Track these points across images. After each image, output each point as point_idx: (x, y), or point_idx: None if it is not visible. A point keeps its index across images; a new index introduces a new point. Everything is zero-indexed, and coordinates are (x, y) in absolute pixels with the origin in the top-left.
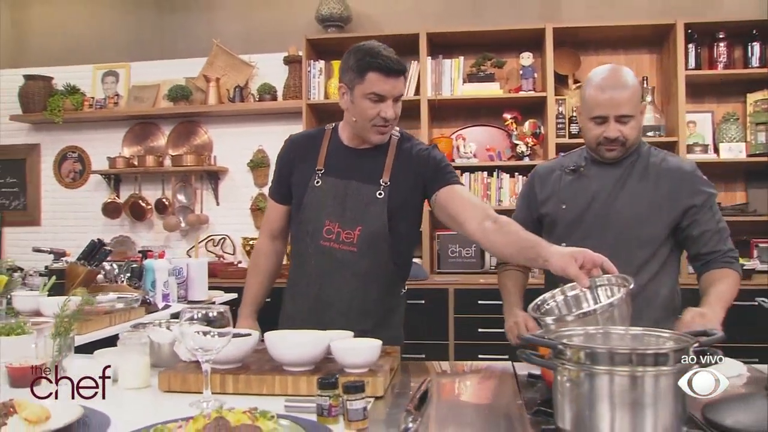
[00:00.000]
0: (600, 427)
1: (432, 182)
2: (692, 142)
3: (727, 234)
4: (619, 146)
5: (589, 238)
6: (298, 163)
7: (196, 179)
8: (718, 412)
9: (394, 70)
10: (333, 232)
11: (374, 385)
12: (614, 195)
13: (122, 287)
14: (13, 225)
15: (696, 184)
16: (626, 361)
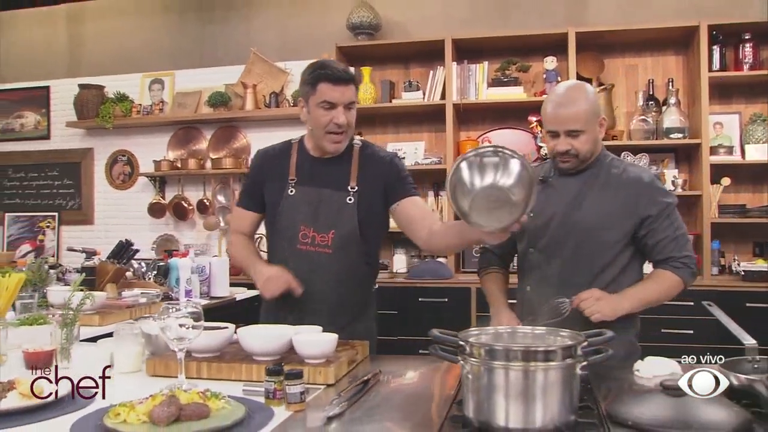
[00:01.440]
0: (497, 415)
1: (393, 191)
2: (717, 143)
3: (685, 240)
4: (571, 158)
5: (553, 244)
6: (269, 175)
7: (235, 181)
8: (619, 406)
9: (342, 78)
10: (308, 236)
11: (326, 374)
12: (576, 204)
13: (148, 284)
14: (69, 224)
15: (653, 194)
16: (520, 358)
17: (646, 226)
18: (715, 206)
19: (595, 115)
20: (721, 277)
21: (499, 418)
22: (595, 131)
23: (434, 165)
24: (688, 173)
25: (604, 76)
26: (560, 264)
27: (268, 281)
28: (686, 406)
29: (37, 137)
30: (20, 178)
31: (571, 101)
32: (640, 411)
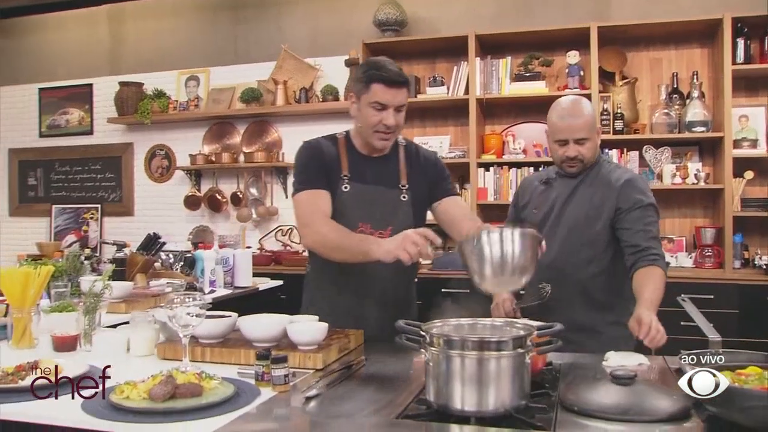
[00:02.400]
0: (454, 399)
1: (437, 189)
2: (741, 136)
3: (652, 236)
4: (578, 163)
5: (549, 237)
6: (325, 165)
7: (267, 174)
8: (571, 393)
9: (396, 82)
10: (366, 233)
11: (314, 359)
12: (568, 201)
13: (175, 274)
14: (111, 215)
15: (628, 191)
16: (474, 347)
17: (618, 217)
18: (738, 200)
19: (595, 123)
20: (743, 271)
21: (455, 402)
22: (595, 139)
23: (458, 159)
24: (712, 166)
25: (628, 69)
26: (554, 252)
27: (404, 242)
28: (630, 394)
29: (81, 132)
30: (65, 172)
31: (577, 113)
32: (588, 398)
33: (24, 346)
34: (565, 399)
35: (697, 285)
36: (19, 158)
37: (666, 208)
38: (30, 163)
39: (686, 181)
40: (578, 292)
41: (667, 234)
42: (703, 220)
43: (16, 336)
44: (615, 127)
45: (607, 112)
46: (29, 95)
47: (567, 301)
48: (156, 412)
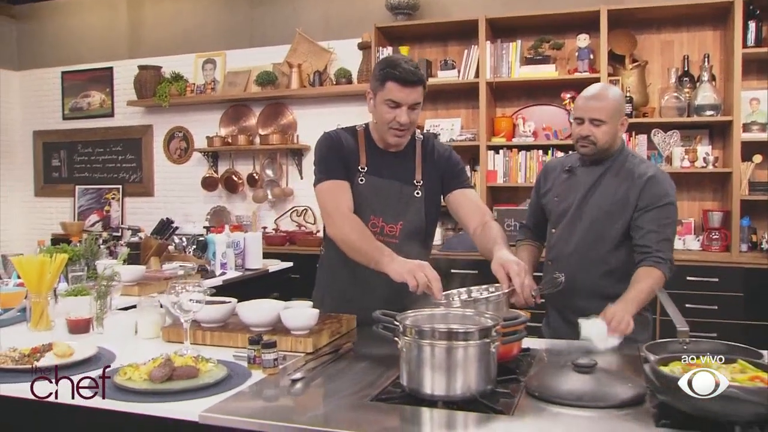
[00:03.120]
0: (424, 384)
1: (449, 182)
2: (751, 120)
3: (664, 238)
4: (590, 144)
5: (570, 226)
6: (344, 156)
7: (282, 156)
8: (534, 380)
9: (410, 81)
10: (377, 225)
11: (305, 343)
12: (591, 191)
13: (188, 257)
14: (132, 195)
15: (649, 188)
16: (443, 337)
17: (636, 215)
18: (746, 184)
19: (618, 112)
20: (749, 254)
21: (426, 386)
22: (615, 127)
23: (469, 141)
24: (722, 149)
25: (639, 52)
26: (574, 244)
27: (420, 267)
28: (589, 382)
29: (102, 115)
30: (88, 153)
31: (601, 96)
32: (549, 384)
33: (42, 328)
34: (529, 385)
35: (703, 268)
36: (44, 140)
37: (676, 191)
38: (54, 145)
39: (695, 164)
40: (594, 284)
41: None
42: (712, 203)
43: (34, 319)
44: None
45: None
46: (52, 78)
47: (583, 291)
48: (155, 392)
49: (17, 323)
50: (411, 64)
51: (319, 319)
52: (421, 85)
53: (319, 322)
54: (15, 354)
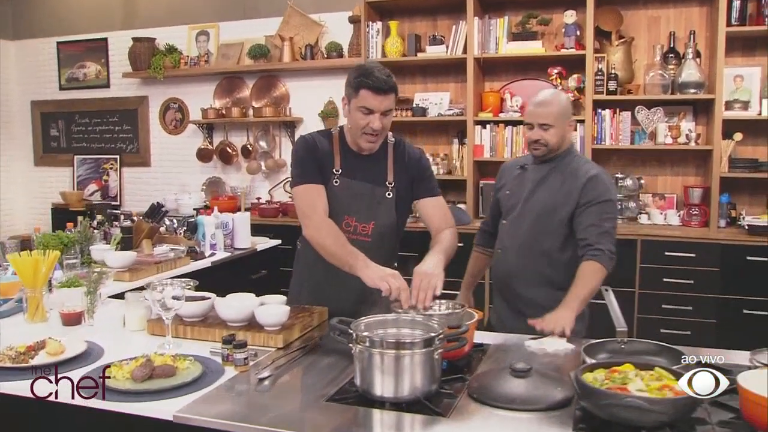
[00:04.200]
0: (375, 387)
1: (418, 188)
2: (734, 98)
3: (603, 231)
4: (541, 147)
5: (518, 219)
6: (319, 159)
7: (275, 128)
8: (475, 382)
9: (382, 89)
10: (351, 225)
11: (276, 339)
12: (538, 186)
13: (179, 239)
14: (129, 166)
15: (589, 187)
16: (391, 346)
17: (577, 211)
18: (726, 161)
19: (564, 116)
20: (727, 230)
21: (376, 389)
22: (563, 129)
23: (456, 116)
24: (706, 125)
25: (625, 28)
26: (521, 236)
27: (392, 275)
28: (522, 385)
29: (98, 86)
30: (85, 124)
31: (547, 103)
32: (487, 387)
33: (38, 319)
34: (470, 387)
35: (681, 243)
36: (41, 110)
37: (659, 166)
38: (51, 115)
39: (678, 141)
40: (540, 273)
41: (659, 191)
42: (694, 179)
43: (31, 311)
44: (609, 87)
45: (601, 72)
46: (48, 49)
47: (530, 281)
48: (135, 392)
49: (15, 314)
50: (384, 73)
51: (291, 312)
52: (393, 93)
53: (291, 316)
54: (12, 352)
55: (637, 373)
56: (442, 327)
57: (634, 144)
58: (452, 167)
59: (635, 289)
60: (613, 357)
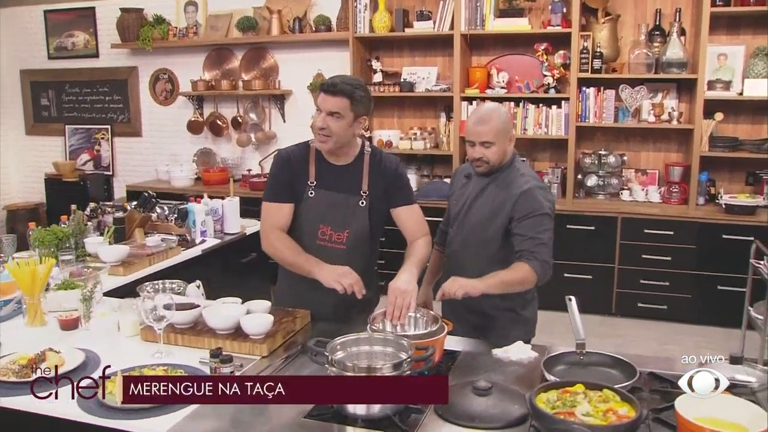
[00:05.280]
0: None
1: (394, 197)
2: (716, 77)
3: (539, 243)
4: (483, 164)
5: (460, 228)
6: (294, 174)
7: (264, 100)
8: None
9: (328, 90)
10: (326, 234)
11: (261, 348)
12: (476, 199)
13: (170, 226)
14: (121, 136)
15: (524, 201)
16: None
17: (513, 225)
18: (706, 140)
19: (504, 132)
20: (705, 208)
21: (349, 407)
22: (504, 145)
23: (443, 92)
24: (689, 103)
25: (612, 5)
26: (463, 243)
27: (340, 276)
28: (483, 403)
29: (87, 55)
30: (75, 93)
31: (486, 120)
32: (450, 403)
33: (37, 323)
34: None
35: (660, 221)
36: (30, 79)
37: (642, 141)
38: (41, 84)
39: (661, 118)
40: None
41: (641, 166)
42: (676, 155)
43: (30, 317)
44: (593, 66)
45: (586, 50)
46: (35, 17)
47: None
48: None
49: (15, 316)
50: (340, 78)
51: (275, 317)
52: (340, 96)
53: (275, 322)
54: (15, 366)
55: (586, 394)
56: (411, 348)
57: (618, 122)
58: (439, 141)
59: (615, 264)
60: (572, 368)
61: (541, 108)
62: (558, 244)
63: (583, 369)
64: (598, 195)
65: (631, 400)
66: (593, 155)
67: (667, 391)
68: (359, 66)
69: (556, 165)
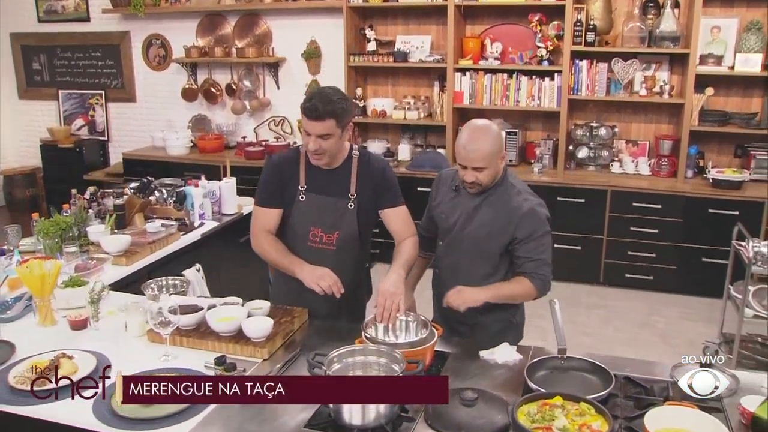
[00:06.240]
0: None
1: (383, 198)
2: (708, 51)
3: (543, 263)
4: (476, 186)
5: (453, 243)
6: (284, 179)
7: (258, 67)
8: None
9: (312, 116)
10: (317, 236)
11: (262, 352)
12: (469, 218)
13: (169, 210)
14: (115, 101)
15: (525, 222)
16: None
17: (515, 246)
18: (696, 115)
19: (495, 154)
20: (692, 182)
21: (345, 417)
22: (496, 165)
23: (437, 63)
24: (681, 75)
25: None
26: (456, 261)
27: (319, 278)
28: (469, 413)
29: (78, 19)
30: (68, 58)
31: (478, 143)
32: (438, 414)
33: (48, 324)
34: (426, 411)
35: (648, 195)
36: (21, 43)
37: (633, 113)
38: (32, 48)
39: (653, 91)
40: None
41: (632, 137)
42: (666, 127)
43: (41, 317)
44: (587, 39)
45: (580, 23)
46: None
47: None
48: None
49: (26, 314)
50: (320, 99)
51: (274, 317)
52: (326, 120)
53: (275, 323)
54: (31, 375)
55: (563, 406)
56: (403, 362)
57: (610, 94)
58: (433, 111)
59: (604, 236)
60: (553, 373)
61: (534, 80)
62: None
63: (563, 374)
64: (589, 166)
65: (604, 414)
66: (585, 127)
67: (641, 398)
68: (353, 34)
69: (548, 136)
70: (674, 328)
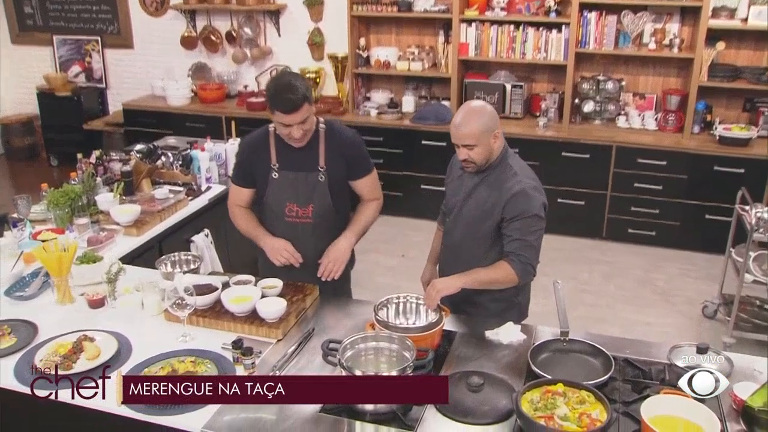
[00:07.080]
0: None
1: (353, 168)
2: (722, 4)
3: (527, 245)
4: (470, 164)
5: (455, 222)
6: (256, 160)
7: (258, 14)
8: None
9: (290, 109)
10: (293, 211)
11: (276, 332)
12: (468, 198)
13: (176, 174)
14: (111, 47)
15: (514, 202)
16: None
17: (503, 225)
18: (705, 71)
19: (486, 132)
20: (699, 138)
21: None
22: (488, 144)
23: (441, 14)
24: (692, 28)
25: None
26: (457, 238)
27: (276, 251)
28: (476, 399)
29: None
30: (60, 2)
31: (468, 123)
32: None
33: (66, 302)
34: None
35: (653, 151)
36: None
37: (641, 66)
38: None
39: (662, 44)
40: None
41: (639, 90)
42: (675, 80)
43: (59, 296)
44: None
45: None
46: None
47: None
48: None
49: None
50: (289, 91)
51: (287, 295)
52: (302, 107)
53: (287, 302)
54: (57, 358)
55: (565, 393)
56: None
57: (618, 47)
58: (438, 62)
59: (608, 191)
60: (555, 355)
61: (541, 32)
62: (553, 171)
63: (565, 356)
64: (595, 120)
65: (603, 402)
66: (591, 80)
67: (638, 381)
68: None
69: (554, 90)
70: (675, 285)
